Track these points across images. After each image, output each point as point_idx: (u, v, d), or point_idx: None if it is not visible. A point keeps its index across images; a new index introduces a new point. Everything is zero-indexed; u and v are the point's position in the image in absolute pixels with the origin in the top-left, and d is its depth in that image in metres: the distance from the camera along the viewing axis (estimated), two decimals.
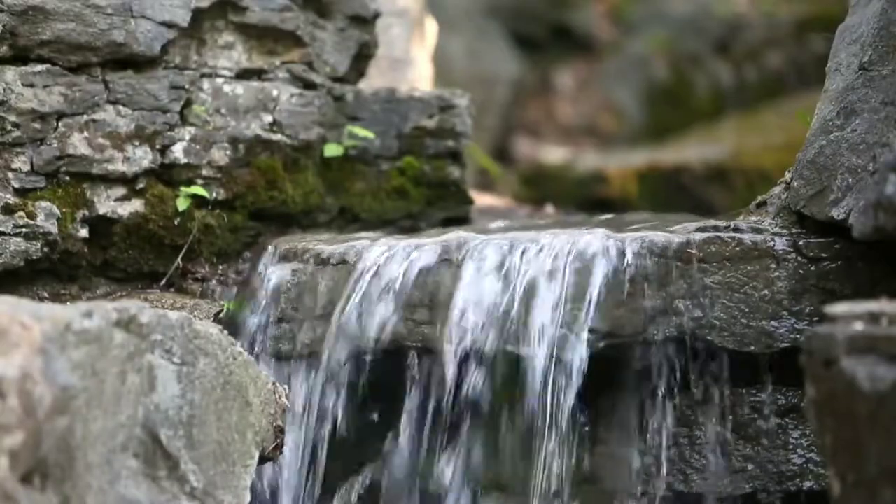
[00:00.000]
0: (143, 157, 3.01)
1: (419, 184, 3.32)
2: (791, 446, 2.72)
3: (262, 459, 2.44)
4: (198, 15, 3.08)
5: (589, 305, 2.70)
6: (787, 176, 2.87)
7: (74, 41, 2.93)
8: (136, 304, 2.23)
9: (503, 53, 7.19)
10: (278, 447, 2.46)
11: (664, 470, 2.73)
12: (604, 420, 2.76)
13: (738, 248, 2.72)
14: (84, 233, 2.97)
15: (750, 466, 2.72)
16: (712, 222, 2.86)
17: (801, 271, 2.71)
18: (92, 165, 2.97)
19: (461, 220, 3.34)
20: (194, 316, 2.47)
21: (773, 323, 2.70)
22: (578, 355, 2.68)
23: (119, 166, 2.99)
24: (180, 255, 3.06)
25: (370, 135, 3.28)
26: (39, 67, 2.92)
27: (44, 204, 2.91)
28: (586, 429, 2.74)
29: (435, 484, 2.78)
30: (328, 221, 3.25)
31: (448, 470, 2.77)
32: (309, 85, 3.23)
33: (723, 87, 7.18)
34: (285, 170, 3.17)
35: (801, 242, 2.73)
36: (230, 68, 3.15)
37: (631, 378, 2.74)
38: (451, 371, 2.74)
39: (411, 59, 4.46)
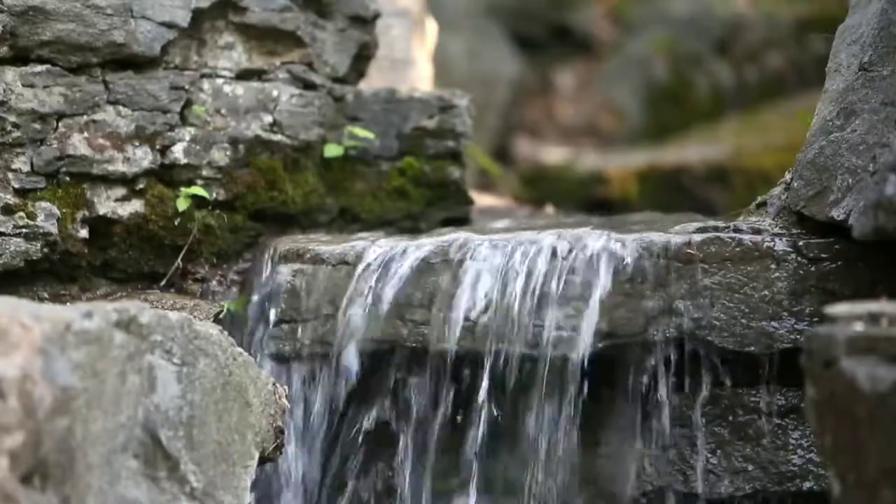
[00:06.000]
0: (143, 157, 3.02)
1: (419, 184, 3.32)
2: (791, 447, 2.72)
3: (262, 460, 2.44)
4: (198, 15, 3.08)
5: (589, 306, 2.70)
6: (787, 176, 2.87)
7: (74, 41, 2.93)
8: (136, 305, 2.23)
9: (503, 53, 7.20)
10: (278, 448, 2.46)
11: (664, 470, 2.73)
12: (604, 420, 2.76)
13: (738, 249, 2.72)
14: (84, 233, 2.97)
15: (750, 467, 2.72)
16: (712, 223, 2.86)
17: (801, 272, 2.71)
18: (92, 166, 2.96)
19: (461, 221, 3.33)
20: (194, 316, 2.47)
21: (773, 323, 2.70)
22: (578, 355, 2.68)
23: (119, 167, 2.99)
24: (180, 256, 3.06)
25: (370, 135, 3.28)
26: (39, 68, 2.92)
27: (44, 204, 2.91)
28: (586, 429, 2.74)
29: (442, 484, 2.78)
30: (328, 222, 3.25)
31: (452, 470, 2.77)
32: (309, 85, 3.23)
33: (723, 87, 7.18)
34: (285, 170, 3.17)
35: (801, 243, 2.73)
36: (230, 69, 3.15)
37: (631, 378, 2.74)
38: (451, 372, 2.75)
39: (411, 60, 4.46)
